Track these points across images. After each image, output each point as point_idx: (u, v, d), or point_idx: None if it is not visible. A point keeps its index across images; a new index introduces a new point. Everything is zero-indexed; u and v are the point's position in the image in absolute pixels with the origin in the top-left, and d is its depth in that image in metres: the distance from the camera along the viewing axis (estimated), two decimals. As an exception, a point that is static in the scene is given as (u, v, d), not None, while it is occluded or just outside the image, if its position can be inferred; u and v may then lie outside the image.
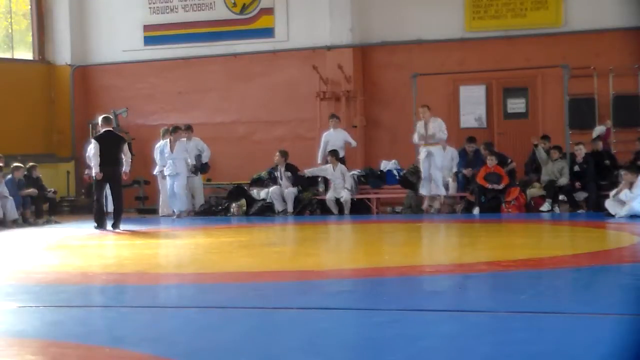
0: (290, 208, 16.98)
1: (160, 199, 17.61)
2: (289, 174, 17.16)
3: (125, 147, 14.76)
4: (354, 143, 17.48)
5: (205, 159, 17.95)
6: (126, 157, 14.62)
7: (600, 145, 16.53)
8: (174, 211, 17.12)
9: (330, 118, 17.46)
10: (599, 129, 16.77)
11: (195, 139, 17.98)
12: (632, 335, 5.54)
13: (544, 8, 17.77)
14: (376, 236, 13.89)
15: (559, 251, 10.56)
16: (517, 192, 16.06)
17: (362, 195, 17.22)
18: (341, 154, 17.39)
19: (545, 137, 16.74)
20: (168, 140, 17.08)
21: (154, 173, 17.62)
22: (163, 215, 17.44)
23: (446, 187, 16.87)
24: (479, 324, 6.09)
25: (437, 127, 16.35)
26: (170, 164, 16.94)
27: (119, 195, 14.81)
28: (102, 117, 15.06)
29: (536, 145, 16.41)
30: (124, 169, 14.57)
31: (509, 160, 16.78)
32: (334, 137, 17.37)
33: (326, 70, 18.68)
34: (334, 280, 8.49)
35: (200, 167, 17.91)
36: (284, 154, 17.28)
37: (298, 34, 19.33)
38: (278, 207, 17.05)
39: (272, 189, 17.15)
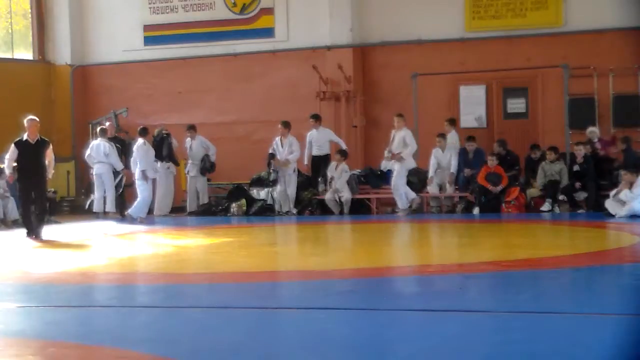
0: (293, 209, 16.95)
1: (155, 199, 17.60)
2: (291, 140, 17.11)
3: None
4: (342, 143, 17.39)
5: (212, 157, 18.00)
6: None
7: (589, 148, 16.42)
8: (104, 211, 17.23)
9: (310, 118, 17.41)
10: (590, 131, 16.64)
11: (199, 137, 18.02)
12: (632, 335, 5.54)
13: (544, 8, 17.76)
14: (376, 236, 13.89)
15: (559, 251, 10.56)
16: (517, 192, 16.05)
17: (362, 195, 17.21)
18: (325, 152, 17.39)
19: (535, 147, 16.70)
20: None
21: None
22: (157, 215, 17.46)
23: (445, 187, 16.89)
24: (479, 324, 6.10)
25: (401, 140, 16.28)
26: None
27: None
28: (30, 118, 13.60)
29: (536, 146, 16.43)
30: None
31: (516, 167, 16.72)
32: (317, 136, 17.36)
33: (326, 70, 18.67)
34: (334, 280, 8.49)
35: (209, 167, 17.93)
36: (287, 125, 17.22)
37: (298, 34, 19.32)
38: (283, 207, 17.02)
39: (276, 190, 17.14)
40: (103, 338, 5.94)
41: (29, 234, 13.52)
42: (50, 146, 13.67)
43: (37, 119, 13.60)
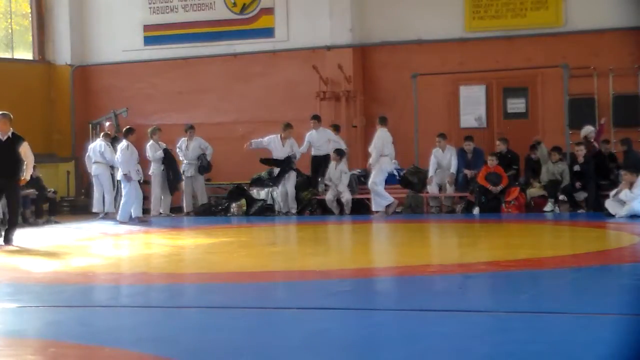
0: (293, 209, 16.95)
1: (153, 198, 17.64)
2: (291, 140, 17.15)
3: None
4: (342, 143, 17.40)
5: (208, 157, 18.03)
6: None
7: (593, 145, 16.41)
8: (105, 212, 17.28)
9: (311, 119, 17.44)
10: (585, 130, 16.67)
11: (197, 138, 18.04)
12: (632, 335, 5.54)
13: (544, 8, 17.76)
14: (376, 236, 13.89)
15: (559, 251, 10.56)
16: (517, 192, 16.05)
17: (362, 195, 17.21)
18: (324, 152, 17.41)
19: (535, 146, 16.70)
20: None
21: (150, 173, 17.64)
22: (154, 215, 17.49)
23: (445, 187, 16.89)
24: (479, 324, 6.10)
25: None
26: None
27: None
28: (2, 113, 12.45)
29: (539, 143, 16.36)
30: None
31: (514, 167, 16.70)
32: (317, 137, 17.37)
33: (326, 70, 18.67)
34: (334, 280, 8.49)
35: (207, 166, 17.98)
36: (290, 126, 17.23)
37: (298, 34, 19.32)
38: (283, 207, 17.02)
39: (276, 190, 17.14)
40: (103, 338, 5.94)
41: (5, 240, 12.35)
42: (25, 143, 12.39)
43: (9, 114, 12.37)
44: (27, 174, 12.55)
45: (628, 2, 16.56)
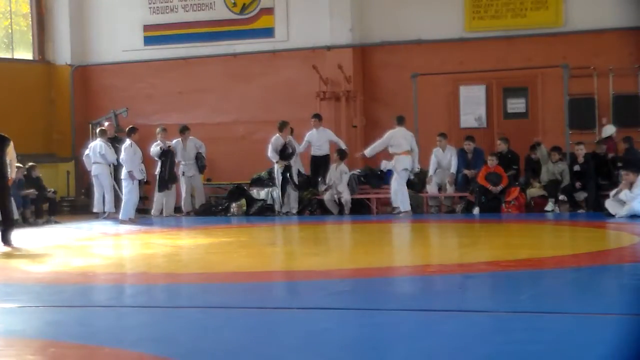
0: (294, 209, 16.95)
1: (155, 198, 17.65)
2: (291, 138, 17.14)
3: None
4: (342, 143, 17.40)
5: (204, 154, 18.04)
6: None
7: (604, 148, 16.38)
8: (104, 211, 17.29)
9: (312, 118, 17.45)
10: (609, 129, 16.61)
11: (191, 138, 18.04)
12: (632, 335, 5.54)
13: (544, 8, 17.76)
14: (376, 236, 13.89)
15: (559, 251, 10.56)
16: (517, 192, 16.05)
17: (362, 195, 17.21)
18: (324, 152, 17.41)
19: (535, 147, 16.68)
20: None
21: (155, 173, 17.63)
22: (154, 215, 17.50)
23: (444, 187, 16.88)
24: (479, 324, 6.10)
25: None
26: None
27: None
28: None
29: (539, 144, 16.35)
30: None
31: (514, 167, 16.68)
32: (317, 137, 17.37)
33: (326, 70, 18.66)
34: (334, 280, 8.49)
35: (204, 165, 18.00)
36: (285, 124, 17.17)
37: (298, 34, 19.31)
38: (283, 207, 17.01)
39: (276, 190, 17.13)
40: (103, 338, 5.94)
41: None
42: (11, 144, 12.41)
43: None
44: (12, 172, 12.55)
45: (628, 2, 16.56)
